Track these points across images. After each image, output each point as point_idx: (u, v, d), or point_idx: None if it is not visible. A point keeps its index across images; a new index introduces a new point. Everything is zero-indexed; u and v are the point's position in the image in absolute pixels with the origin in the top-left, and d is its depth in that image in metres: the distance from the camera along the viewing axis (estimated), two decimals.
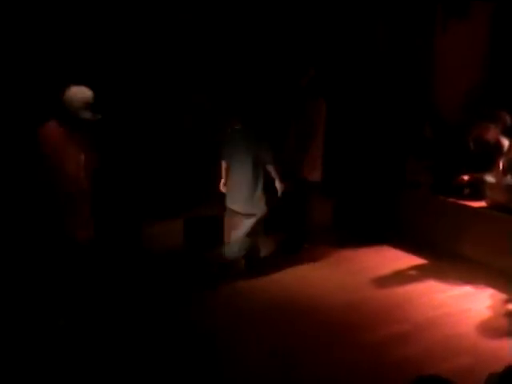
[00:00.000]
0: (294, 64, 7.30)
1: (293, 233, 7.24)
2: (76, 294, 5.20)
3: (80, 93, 4.93)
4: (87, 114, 4.93)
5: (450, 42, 8.14)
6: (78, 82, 5.04)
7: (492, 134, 7.21)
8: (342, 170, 8.20)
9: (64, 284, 5.15)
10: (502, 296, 5.96)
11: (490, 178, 6.86)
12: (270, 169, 6.28)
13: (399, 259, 6.93)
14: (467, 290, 6.14)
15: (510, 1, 8.28)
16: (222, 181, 6.59)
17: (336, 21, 8.17)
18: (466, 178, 7.17)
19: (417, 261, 6.95)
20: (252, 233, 6.37)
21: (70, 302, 5.20)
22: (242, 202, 6.30)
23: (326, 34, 8.13)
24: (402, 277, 6.50)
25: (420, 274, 6.59)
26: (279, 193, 6.39)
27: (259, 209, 6.31)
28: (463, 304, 5.80)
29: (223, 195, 6.62)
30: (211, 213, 7.54)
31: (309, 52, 7.78)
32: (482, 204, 6.95)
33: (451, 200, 7.24)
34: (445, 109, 8.12)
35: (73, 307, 5.21)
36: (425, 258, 7.01)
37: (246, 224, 6.33)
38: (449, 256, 6.97)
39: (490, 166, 6.91)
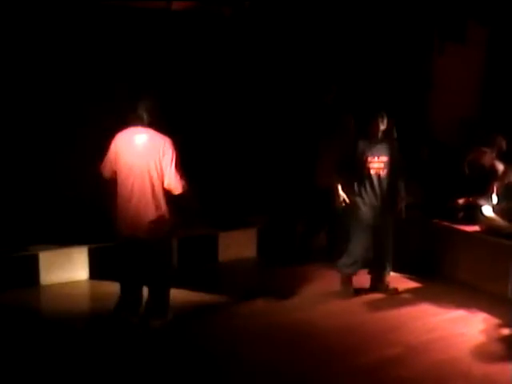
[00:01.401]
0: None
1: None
2: None
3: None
4: None
5: (446, 65, 8.23)
6: None
7: (487, 158, 7.25)
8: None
9: None
10: (495, 320, 5.95)
11: (484, 203, 6.88)
12: None
13: (393, 283, 6.90)
14: (461, 314, 6.14)
15: (506, 26, 8.38)
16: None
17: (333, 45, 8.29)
18: (460, 201, 7.20)
19: (411, 284, 6.96)
20: None
21: None
22: None
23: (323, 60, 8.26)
24: (396, 300, 6.50)
25: (414, 297, 6.59)
26: None
27: None
28: (457, 328, 5.80)
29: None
30: (206, 231, 7.56)
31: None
32: (475, 228, 6.97)
33: (445, 224, 7.25)
34: (441, 131, 8.18)
35: None
36: (419, 281, 7.01)
37: None
38: (442, 280, 6.97)
39: (485, 191, 6.94)
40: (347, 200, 6.36)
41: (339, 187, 6.42)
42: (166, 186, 5.30)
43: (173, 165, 5.27)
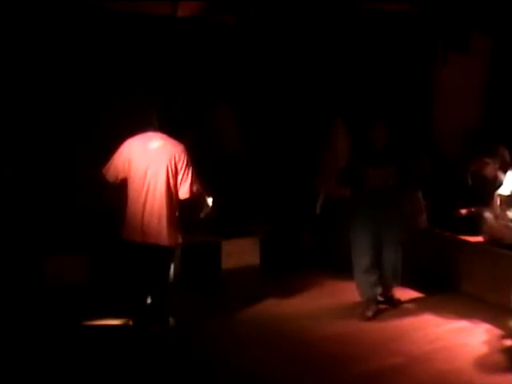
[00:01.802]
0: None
1: None
2: None
3: None
4: None
5: (449, 75, 8.24)
6: None
7: (490, 169, 7.25)
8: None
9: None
10: (497, 331, 5.91)
11: (487, 213, 6.88)
12: None
13: (396, 293, 6.90)
14: (463, 324, 6.11)
15: (510, 36, 8.38)
16: None
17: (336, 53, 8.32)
18: (463, 212, 7.19)
19: (413, 294, 6.93)
20: None
21: None
22: None
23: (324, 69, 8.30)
24: (397, 310, 6.48)
25: (416, 307, 6.57)
26: None
27: None
28: (459, 339, 5.77)
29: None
30: (209, 239, 7.56)
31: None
32: (478, 239, 6.96)
33: (448, 234, 7.24)
34: (443, 142, 8.18)
35: None
36: (421, 291, 6.98)
37: None
38: (445, 290, 6.95)
39: (488, 201, 6.93)
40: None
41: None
42: (181, 190, 5.43)
43: (187, 169, 5.42)
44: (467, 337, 5.82)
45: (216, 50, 7.90)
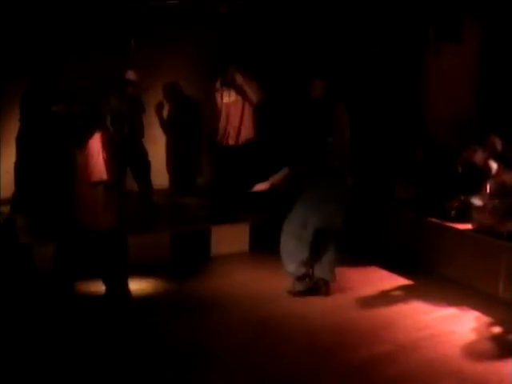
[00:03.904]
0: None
1: None
2: None
3: None
4: None
5: (441, 65, 8.23)
6: None
7: (480, 156, 7.25)
8: None
9: None
10: (486, 319, 5.95)
11: (476, 201, 6.89)
12: None
13: (384, 279, 6.94)
14: (452, 312, 6.14)
15: (501, 25, 8.38)
16: None
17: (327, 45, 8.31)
18: (454, 204, 7.19)
19: (402, 281, 6.95)
20: None
21: None
22: None
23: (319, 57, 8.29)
24: (386, 297, 6.50)
25: (405, 294, 6.59)
26: None
27: None
28: (448, 326, 5.80)
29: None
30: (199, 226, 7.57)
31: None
32: (468, 226, 6.98)
33: (438, 222, 7.26)
34: (436, 132, 8.18)
35: None
36: (410, 278, 7.01)
37: None
38: (434, 277, 6.99)
39: (478, 189, 6.95)
40: None
41: None
42: None
43: None
44: (456, 324, 5.84)
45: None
